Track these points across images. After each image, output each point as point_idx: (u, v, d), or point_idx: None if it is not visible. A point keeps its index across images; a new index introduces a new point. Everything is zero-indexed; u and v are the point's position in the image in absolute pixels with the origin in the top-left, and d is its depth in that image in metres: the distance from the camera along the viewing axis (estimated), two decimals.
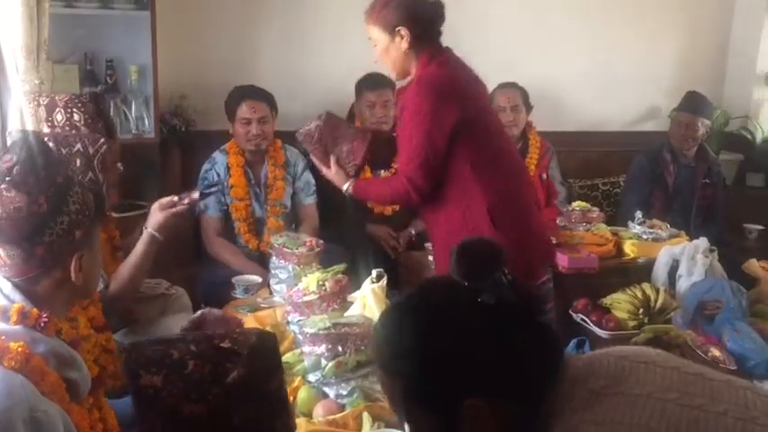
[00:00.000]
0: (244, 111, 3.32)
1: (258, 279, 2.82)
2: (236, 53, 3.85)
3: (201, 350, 1.19)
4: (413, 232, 3.62)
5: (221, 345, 1.19)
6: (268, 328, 2.32)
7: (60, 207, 1.32)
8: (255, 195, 3.42)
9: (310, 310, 2.23)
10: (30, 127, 2.28)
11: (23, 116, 2.23)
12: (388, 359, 1.11)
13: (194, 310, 2.87)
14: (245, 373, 1.17)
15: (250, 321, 2.49)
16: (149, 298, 2.80)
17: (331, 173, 2.56)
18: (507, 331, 1.06)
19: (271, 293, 2.71)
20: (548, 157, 3.97)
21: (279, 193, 3.44)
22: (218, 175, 3.36)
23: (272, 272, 2.72)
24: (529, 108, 3.91)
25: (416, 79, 2.39)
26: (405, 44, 2.36)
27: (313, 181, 3.51)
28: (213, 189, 3.05)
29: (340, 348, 1.88)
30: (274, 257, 2.71)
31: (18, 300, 1.34)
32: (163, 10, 3.40)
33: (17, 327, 1.31)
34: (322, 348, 1.88)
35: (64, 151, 1.95)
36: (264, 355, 1.23)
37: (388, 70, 2.51)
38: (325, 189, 3.52)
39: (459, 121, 2.29)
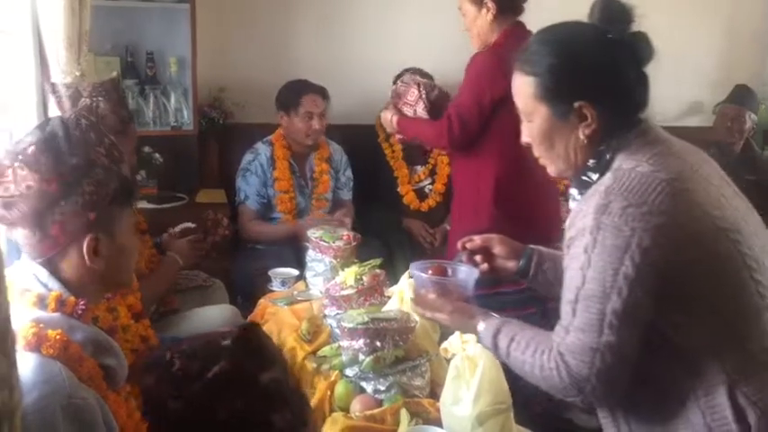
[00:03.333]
0: (307, 105, 3.32)
1: (295, 272, 2.81)
2: (275, 45, 3.84)
3: (193, 348, 1.21)
4: (448, 228, 3.58)
5: (215, 341, 1.22)
6: (304, 322, 2.31)
7: (73, 188, 1.30)
8: (300, 188, 3.42)
9: (348, 305, 2.21)
10: None
11: (64, 110, 2.24)
12: (531, 63, 1.43)
13: (231, 303, 2.90)
14: (227, 367, 1.17)
15: (287, 314, 2.48)
16: (187, 289, 2.82)
17: (387, 112, 2.96)
18: (631, 65, 1.39)
19: (307, 286, 2.70)
20: None
21: (324, 186, 3.45)
22: (261, 166, 3.36)
23: (309, 264, 2.70)
24: None
25: (489, 47, 2.63)
26: (490, 16, 2.60)
27: (352, 176, 3.52)
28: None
29: (378, 343, 1.86)
30: (311, 250, 2.69)
31: (55, 287, 1.33)
32: (202, 2, 3.41)
33: (55, 314, 1.31)
34: (360, 343, 1.86)
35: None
36: (250, 348, 1.23)
37: (472, 40, 2.72)
38: (364, 183, 3.52)
39: (508, 93, 2.36)
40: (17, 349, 1.20)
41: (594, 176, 1.41)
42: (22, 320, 1.27)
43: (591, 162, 1.42)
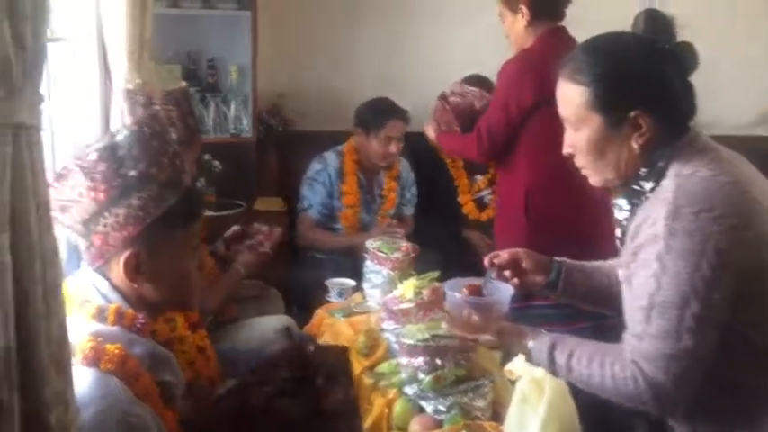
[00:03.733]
0: (390, 130, 3.28)
1: (352, 283, 2.76)
2: (336, 52, 3.82)
3: None
4: None
5: None
6: (361, 335, 2.26)
7: (119, 200, 1.28)
8: (366, 203, 3.38)
9: (406, 319, 2.14)
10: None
11: (124, 116, 2.25)
12: (582, 72, 1.42)
13: (287, 312, 2.87)
14: None
15: (343, 326, 2.43)
16: (244, 299, 2.80)
17: (429, 128, 3.11)
18: (680, 74, 1.40)
19: (364, 298, 2.64)
20: None
21: (391, 204, 3.42)
22: (329, 177, 3.32)
23: (366, 275, 2.64)
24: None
25: (520, 53, 2.64)
26: (524, 21, 2.61)
27: (416, 193, 3.50)
28: None
29: (438, 362, 1.79)
30: (368, 261, 2.63)
31: (115, 300, 1.32)
32: (263, 9, 3.41)
33: (114, 327, 1.29)
34: (420, 361, 1.80)
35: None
36: None
37: (511, 45, 2.73)
38: (423, 193, 3.45)
39: (538, 99, 2.50)
40: (74, 363, 1.18)
41: (647, 185, 1.42)
42: (81, 333, 1.26)
43: (642, 171, 1.42)
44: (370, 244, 2.64)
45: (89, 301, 1.30)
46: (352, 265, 3.04)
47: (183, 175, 1.38)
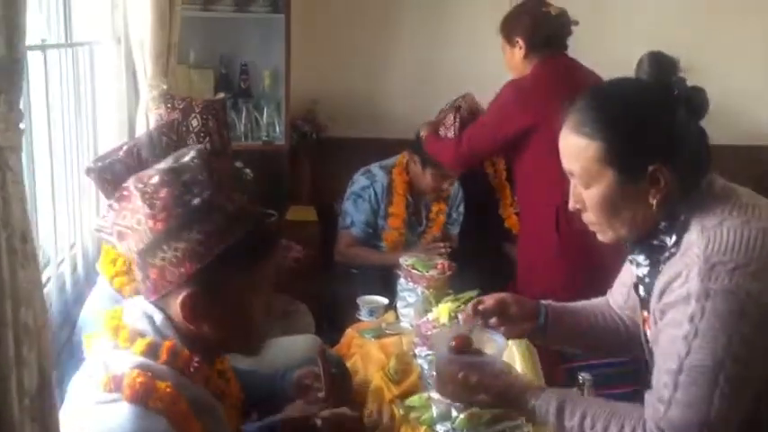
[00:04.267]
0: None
1: (384, 301, 2.62)
2: (370, 58, 3.71)
3: None
4: None
5: None
6: (393, 359, 2.12)
7: (179, 232, 1.14)
8: (411, 225, 3.20)
9: None
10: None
11: (149, 123, 2.15)
12: (593, 125, 1.31)
13: (317, 330, 2.73)
14: None
15: (374, 348, 2.30)
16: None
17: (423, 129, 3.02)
18: (693, 120, 1.31)
19: (397, 318, 2.50)
20: None
21: (438, 227, 3.24)
22: (376, 195, 3.12)
23: (400, 294, 2.51)
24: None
25: (517, 79, 2.71)
26: (521, 53, 2.70)
27: (464, 211, 3.32)
28: None
29: None
30: (402, 279, 2.50)
31: (170, 335, 1.20)
32: (297, 13, 3.30)
33: (164, 366, 1.17)
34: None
35: None
36: None
37: (512, 74, 2.78)
38: (465, 207, 3.28)
39: (527, 128, 2.58)
40: (117, 397, 1.10)
41: (669, 240, 1.33)
42: (126, 366, 1.15)
43: (662, 225, 1.33)
44: (404, 260, 2.51)
45: (143, 334, 1.19)
46: (385, 282, 2.89)
47: (252, 205, 1.25)
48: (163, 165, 1.21)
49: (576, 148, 1.34)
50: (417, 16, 3.73)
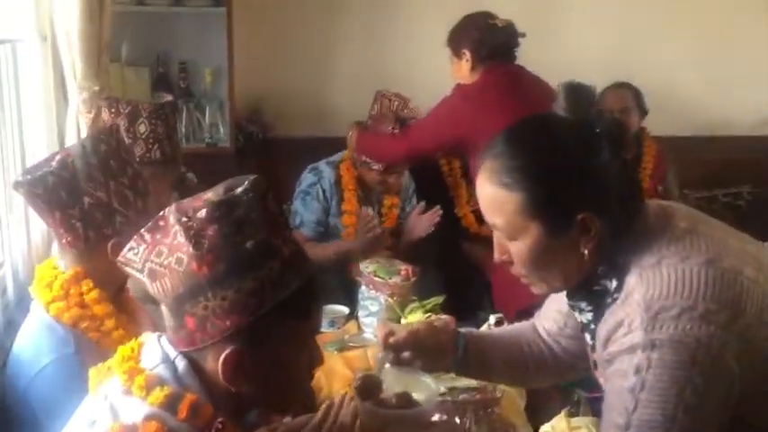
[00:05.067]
0: None
1: (345, 310, 2.48)
2: (317, 53, 3.56)
3: None
4: None
5: None
6: (359, 375, 1.97)
7: (228, 278, 0.99)
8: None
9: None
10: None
11: (79, 128, 1.95)
12: (513, 174, 1.18)
13: None
14: None
15: (338, 363, 2.15)
16: None
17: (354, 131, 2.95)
18: (617, 157, 1.20)
19: (359, 328, 2.37)
20: (664, 166, 3.50)
21: (392, 221, 3.07)
22: (324, 192, 2.96)
23: (361, 303, 2.38)
24: (643, 111, 3.44)
25: (464, 86, 2.75)
26: (468, 65, 2.75)
27: (416, 204, 3.15)
28: None
29: (457, 420, 1.51)
30: (363, 287, 2.37)
31: (193, 387, 1.03)
32: (239, 7, 3.13)
33: (183, 424, 1.01)
34: (435, 419, 1.51)
35: None
36: None
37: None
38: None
39: (473, 135, 2.56)
40: None
41: (610, 284, 1.22)
42: (138, 413, 1.00)
43: (600, 269, 1.23)
44: (365, 267, 2.38)
45: (162, 383, 1.02)
46: (343, 288, 2.74)
47: (302, 248, 1.09)
48: (211, 195, 1.03)
49: (494, 200, 1.22)
50: (365, 12, 3.61)
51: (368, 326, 2.33)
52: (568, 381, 1.63)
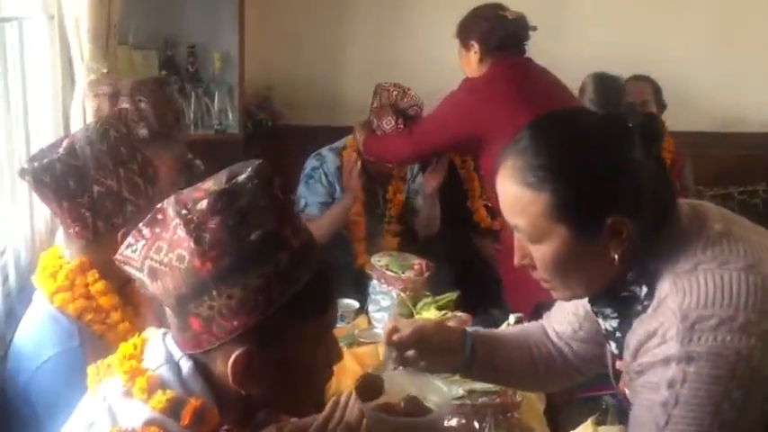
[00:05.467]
0: None
1: (355, 304, 2.41)
2: (328, 40, 3.51)
3: None
4: None
5: None
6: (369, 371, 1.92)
7: (234, 275, 0.91)
8: (368, 208, 2.96)
9: None
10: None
11: (85, 111, 1.88)
12: (538, 173, 1.10)
13: None
14: None
15: (348, 359, 2.08)
16: None
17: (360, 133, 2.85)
18: (650, 154, 1.12)
19: (370, 323, 2.31)
20: (681, 161, 3.43)
21: (397, 208, 3.01)
22: (327, 176, 2.89)
23: (372, 297, 2.32)
24: (662, 105, 3.37)
25: (472, 80, 2.65)
26: (476, 57, 2.64)
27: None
28: None
29: (476, 425, 1.45)
30: (375, 280, 2.31)
31: (197, 391, 0.96)
32: None
33: (186, 431, 0.94)
34: (452, 422, 1.45)
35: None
36: None
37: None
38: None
39: (482, 131, 2.51)
40: None
41: (640, 290, 1.15)
42: (138, 418, 0.94)
43: (630, 275, 1.15)
44: (377, 261, 2.32)
45: (164, 387, 0.95)
46: (353, 281, 2.68)
47: (312, 238, 1.00)
48: (211, 184, 0.95)
49: (518, 201, 1.13)
50: (378, 1, 3.54)
51: (378, 321, 2.27)
52: (575, 385, 1.56)
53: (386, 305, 2.26)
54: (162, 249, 0.93)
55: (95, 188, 1.40)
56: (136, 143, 1.53)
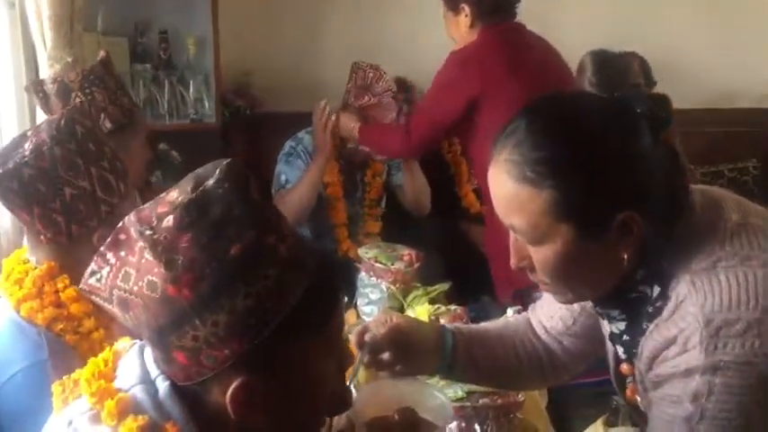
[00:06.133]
0: None
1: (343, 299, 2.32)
2: (309, 22, 3.37)
3: None
4: None
5: None
6: (361, 372, 1.83)
7: (216, 299, 0.79)
8: (346, 191, 2.87)
9: None
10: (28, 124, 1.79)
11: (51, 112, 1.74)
12: (538, 168, 0.99)
13: None
14: None
15: None
16: None
17: (348, 119, 2.69)
18: (659, 141, 1.02)
19: (358, 317, 2.22)
20: (673, 138, 3.36)
21: (377, 191, 2.92)
22: (306, 153, 2.78)
23: (361, 290, 2.23)
24: (651, 82, 3.29)
25: (459, 50, 2.48)
26: (467, 21, 2.46)
27: None
28: None
29: (477, 427, 1.37)
30: (363, 273, 2.21)
31: (176, 416, 0.84)
32: None
33: None
34: (452, 426, 1.37)
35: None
36: None
37: (455, 44, 2.54)
38: None
39: (474, 98, 2.36)
40: None
41: (650, 290, 1.05)
42: None
43: (640, 273, 1.05)
44: (365, 252, 2.22)
45: (137, 411, 0.84)
46: (342, 275, 2.59)
47: (302, 240, 0.88)
48: (176, 194, 0.82)
49: (515, 198, 1.02)
50: None
51: (368, 315, 2.18)
52: (559, 383, 1.47)
53: (375, 298, 2.17)
54: (130, 277, 0.81)
55: (67, 190, 1.30)
56: (102, 137, 1.42)
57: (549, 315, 1.34)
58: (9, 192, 1.29)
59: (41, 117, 1.94)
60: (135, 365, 0.88)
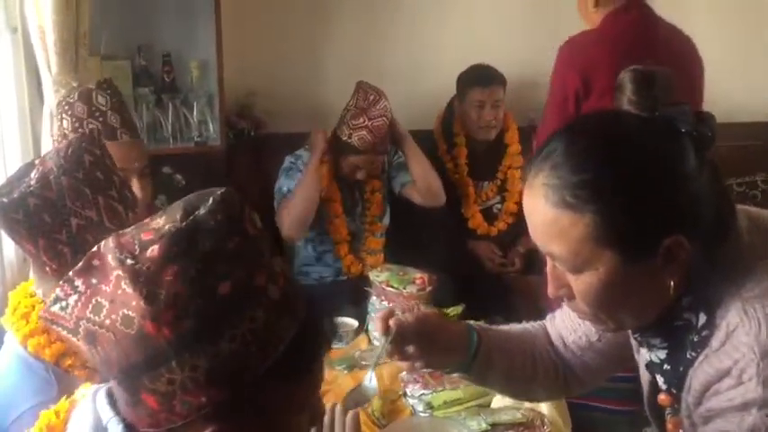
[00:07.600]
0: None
1: (353, 323, 2.28)
2: (311, 44, 3.33)
3: None
4: (521, 251, 3.06)
5: None
6: (376, 398, 1.79)
7: (199, 341, 0.72)
8: (346, 208, 2.86)
9: (437, 382, 1.69)
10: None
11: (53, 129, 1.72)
12: (579, 192, 0.94)
13: None
14: None
15: (348, 383, 1.96)
16: None
17: None
18: (704, 162, 0.99)
19: (370, 343, 2.17)
20: None
21: (378, 207, 2.90)
22: (301, 170, 2.76)
23: (372, 315, 2.19)
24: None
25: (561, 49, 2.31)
26: (591, 1, 2.30)
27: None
28: None
29: None
30: (374, 297, 2.18)
31: None
32: None
33: None
34: None
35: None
36: None
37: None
38: (419, 209, 2.96)
39: (577, 88, 2.20)
40: None
41: (696, 319, 1.01)
42: None
43: (685, 301, 1.01)
44: (376, 275, 2.19)
45: None
46: (351, 297, 2.54)
47: (294, 281, 0.82)
48: (162, 222, 0.76)
49: (554, 224, 0.97)
50: (358, 4, 3.38)
51: (379, 340, 2.14)
52: (567, 397, 1.44)
53: None
54: (102, 308, 0.73)
55: (74, 221, 1.26)
56: (111, 166, 1.39)
57: (572, 328, 1.30)
58: (14, 222, 1.25)
59: (45, 143, 1.91)
60: (87, 413, 0.81)
